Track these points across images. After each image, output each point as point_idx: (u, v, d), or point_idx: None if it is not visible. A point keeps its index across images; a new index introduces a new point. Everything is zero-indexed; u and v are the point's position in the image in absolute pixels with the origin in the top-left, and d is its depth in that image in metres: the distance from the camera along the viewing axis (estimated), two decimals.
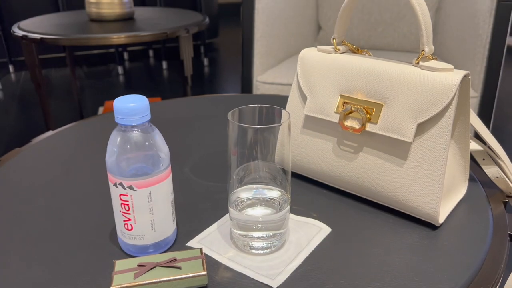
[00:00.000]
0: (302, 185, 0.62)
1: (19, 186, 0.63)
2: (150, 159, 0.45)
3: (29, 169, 0.68)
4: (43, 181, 0.64)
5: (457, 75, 0.48)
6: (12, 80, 2.90)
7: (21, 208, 0.57)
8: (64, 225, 0.54)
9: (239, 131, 0.44)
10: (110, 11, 1.43)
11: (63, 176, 0.65)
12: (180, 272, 0.43)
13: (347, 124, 0.55)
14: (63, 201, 0.59)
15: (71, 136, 0.79)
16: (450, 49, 1.52)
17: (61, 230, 0.53)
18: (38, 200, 0.59)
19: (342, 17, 0.57)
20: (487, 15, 1.28)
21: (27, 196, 0.60)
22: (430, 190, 0.51)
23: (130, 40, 1.21)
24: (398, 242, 0.51)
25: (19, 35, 1.26)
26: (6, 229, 0.53)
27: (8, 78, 2.92)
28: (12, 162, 0.70)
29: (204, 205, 0.58)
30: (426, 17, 0.49)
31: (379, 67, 0.53)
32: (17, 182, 0.64)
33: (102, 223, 0.54)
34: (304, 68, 0.59)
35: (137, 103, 0.43)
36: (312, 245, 0.50)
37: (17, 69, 3.05)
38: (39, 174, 0.66)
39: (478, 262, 0.47)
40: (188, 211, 0.56)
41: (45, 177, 0.65)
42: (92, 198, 0.60)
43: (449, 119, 0.49)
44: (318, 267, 0.47)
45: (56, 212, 0.57)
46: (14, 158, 0.71)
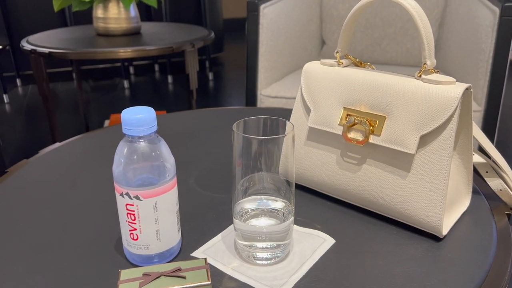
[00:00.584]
0: (306, 197, 0.62)
1: (26, 196, 0.64)
2: (156, 169, 0.45)
3: (36, 180, 0.68)
4: (49, 192, 0.65)
5: (459, 88, 0.49)
6: (19, 94, 2.93)
7: (27, 218, 0.58)
8: (69, 235, 0.54)
9: (244, 142, 0.45)
10: (117, 26, 1.45)
11: (70, 187, 0.66)
12: (184, 281, 0.43)
13: (350, 136, 0.55)
14: (69, 211, 0.60)
15: (77, 148, 0.80)
16: (453, 64, 1.53)
17: (66, 240, 0.53)
18: (44, 210, 0.60)
19: (345, 31, 0.58)
20: (489, 30, 1.29)
21: (33, 207, 0.61)
22: (434, 201, 0.51)
23: (136, 54, 1.23)
24: (401, 253, 0.51)
25: (28, 49, 1.28)
26: (12, 238, 0.54)
27: (16, 92, 2.96)
28: (19, 173, 0.71)
29: (208, 216, 0.58)
30: (428, 31, 0.50)
31: (381, 80, 0.54)
32: (24, 193, 0.64)
33: (108, 234, 0.54)
34: (308, 81, 0.60)
35: (144, 114, 0.44)
36: (315, 256, 0.50)
37: (25, 83, 3.09)
38: (46, 185, 0.67)
39: (482, 274, 0.47)
40: (192, 221, 0.57)
41: (51, 188, 0.66)
42: (98, 208, 0.60)
43: (451, 131, 0.49)
44: (322, 278, 0.47)
45: (61, 222, 0.57)
46: (22, 169, 0.72)
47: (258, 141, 0.44)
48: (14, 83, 3.07)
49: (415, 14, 0.50)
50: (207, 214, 0.59)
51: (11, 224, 0.57)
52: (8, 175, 0.70)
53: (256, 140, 0.44)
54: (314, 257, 0.50)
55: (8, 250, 0.52)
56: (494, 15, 1.28)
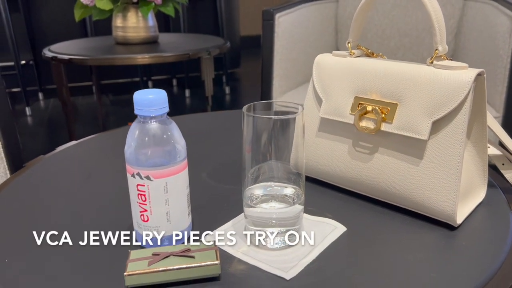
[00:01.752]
0: (317, 189, 0.62)
1: (42, 187, 0.65)
2: (167, 150, 0.46)
3: (51, 172, 0.70)
4: (64, 183, 0.66)
5: (471, 72, 0.49)
6: (41, 107, 3.00)
7: (42, 207, 0.59)
8: (82, 221, 0.55)
9: (254, 124, 0.45)
10: (135, 34, 1.49)
11: (84, 179, 0.67)
12: (193, 261, 0.43)
13: (362, 125, 0.55)
14: (82, 200, 0.60)
15: (93, 145, 0.81)
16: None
17: (79, 226, 0.54)
18: (59, 199, 0.61)
19: (357, 21, 0.58)
20: (506, 36, 1.28)
21: (49, 197, 0.62)
22: (447, 188, 0.50)
23: (153, 60, 1.26)
24: (414, 241, 0.50)
25: (49, 56, 1.32)
26: (28, 225, 0.55)
27: (38, 105, 3.03)
28: (36, 167, 0.72)
29: (220, 206, 0.58)
30: (438, 16, 0.50)
31: (393, 68, 0.54)
32: (40, 184, 0.66)
33: (120, 220, 0.55)
34: (320, 72, 0.60)
35: (156, 95, 0.45)
36: (326, 242, 0.49)
37: (47, 96, 3.16)
38: (61, 177, 0.68)
39: (497, 263, 0.46)
40: (204, 211, 0.57)
41: (66, 180, 0.67)
42: (111, 197, 0.61)
43: (464, 116, 0.49)
44: (332, 262, 0.46)
45: (75, 210, 0.58)
46: (38, 164, 0.73)
47: (269, 121, 0.45)
48: (37, 97, 3.14)
49: (426, 1, 0.50)
50: (219, 204, 0.59)
51: (26, 212, 0.58)
52: (25, 169, 0.72)
53: (267, 120, 0.45)
54: (325, 243, 0.49)
55: (22, 233, 0.52)
56: (511, 20, 1.27)
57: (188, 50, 1.36)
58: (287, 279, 0.43)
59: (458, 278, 0.43)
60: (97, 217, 0.56)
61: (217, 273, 0.43)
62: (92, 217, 0.56)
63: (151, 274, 0.42)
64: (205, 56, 1.36)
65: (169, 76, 3.52)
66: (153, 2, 1.43)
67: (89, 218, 0.56)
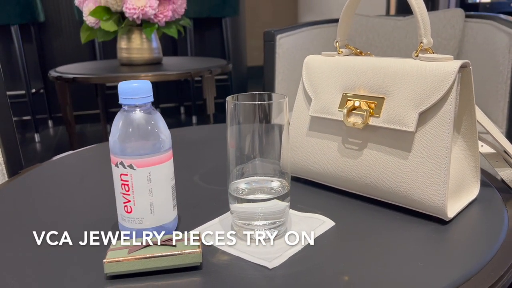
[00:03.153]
0: (309, 189, 0.61)
1: (36, 190, 0.65)
2: (151, 139, 0.46)
3: (46, 177, 0.70)
4: (57, 186, 0.66)
5: (456, 63, 0.49)
6: (50, 134, 3.05)
7: (35, 206, 0.59)
8: (71, 218, 0.55)
9: (238, 111, 0.45)
10: (139, 56, 1.52)
11: (78, 182, 0.67)
12: (174, 249, 0.43)
13: (350, 121, 0.55)
14: (74, 200, 0.60)
15: (90, 154, 0.82)
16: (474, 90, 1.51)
17: (68, 222, 0.54)
18: (51, 200, 0.61)
19: (343, 20, 0.59)
20: (506, 51, 1.28)
21: (41, 197, 0.62)
22: (436, 181, 0.49)
23: (156, 78, 1.28)
24: (404, 234, 0.49)
25: (54, 76, 1.35)
26: (20, 222, 0.55)
27: (47, 132, 3.08)
28: (31, 172, 0.72)
29: (209, 204, 0.57)
30: (422, 10, 0.51)
31: (379, 63, 0.54)
32: (34, 187, 0.66)
33: (107, 219, 0.54)
34: (309, 71, 0.61)
35: (140, 84, 0.45)
36: (313, 235, 0.48)
37: (56, 124, 3.21)
38: (55, 181, 0.68)
39: (488, 254, 0.44)
40: (192, 209, 0.56)
41: (59, 183, 0.67)
42: (102, 198, 0.61)
43: (450, 106, 0.48)
44: (317, 253, 0.45)
45: (66, 209, 0.58)
46: (34, 169, 0.74)
47: (254, 106, 0.44)
48: (46, 124, 3.20)
49: None
50: (208, 203, 0.58)
51: (19, 210, 0.58)
52: (20, 174, 0.72)
53: (251, 106, 0.44)
54: (311, 236, 0.48)
55: (15, 230, 0.52)
56: (509, 37, 1.28)
57: (190, 69, 1.38)
58: (270, 268, 0.42)
59: (445, 268, 0.42)
60: (86, 213, 0.56)
61: (198, 261, 0.43)
62: (82, 213, 0.56)
63: (131, 262, 0.42)
64: (207, 75, 1.38)
65: (177, 104, 3.56)
66: (156, 24, 1.47)
67: (78, 214, 0.56)
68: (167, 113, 3.53)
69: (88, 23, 1.44)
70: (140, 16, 1.42)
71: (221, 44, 3.37)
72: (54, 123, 3.22)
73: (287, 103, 0.46)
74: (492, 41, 1.41)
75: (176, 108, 3.57)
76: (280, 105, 0.45)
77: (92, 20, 1.43)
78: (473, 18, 1.64)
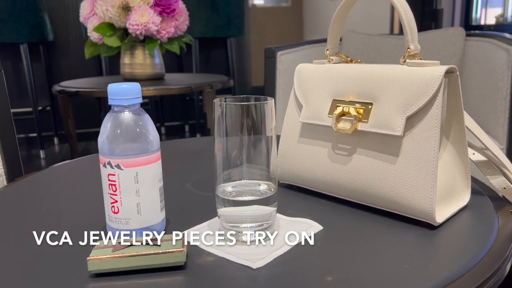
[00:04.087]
0: (298, 196, 0.61)
1: (28, 196, 0.65)
2: (139, 140, 0.46)
3: (41, 183, 0.71)
4: (50, 191, 0.66)
5: (442, 68, 0.49)
6: (55, 151, 3.08)
7: (29, 209, 0.60)
8: (61, 221, 0.55)
9: (225, 113, 0.45)
10: (142, 71, 1.54)
11: (70, 187, 0.68)
12: (158, 248, 0.43)
13: (339, 126, 0.55)
14: (65, 204, 0.61)
15: (87, 162, 0.83)
16: (475, 108, 1.51)
17: (58, 225, 0.54)
18: (42, 203, 0.61)
19: (333, 29, 0.60)
20: (505, 67, 1.29)
21: (33, 202, 0.62)
22: (424, 185, 0.49)
23: (158, 92, 1.30)
24: (392, 238, 0.48)
25: (57, 90, 1.38)
26: (14, 226, 0.55)
27: (52, 149, 3.11)
28: (27, 179, 0.73)
29: (198, 209, 0.58)
30: (409, 16, 0.51)
31: (368, 69, 0.55)
32: (25, 193, 0.67)
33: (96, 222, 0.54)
34: (300, 79, 0.62)
35: (129, 85, 0.46)
36: (300, 237, 0.48)
37: (61, 141, 3.24)
38: (47, 186, 0.69)
39: (477, 256, 0.44)
40: (181, 213, 0.56)
41: (52, 189, 0.68)
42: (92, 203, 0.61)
43: (437, 110, 0.49)
44: (303, 255, 0.45)
45: (56, 211, 0.58)
46: (30, 177, 0.74)
47: (242, 107, 0.45)
48: (52, 142, 3.23)
49: (395, 1, 0.52)
50: (198, 208, 0.58)
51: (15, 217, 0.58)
52: (15, 182, 0.73)
53: (240, 106, 0.45)
54: (298, 239, 0.48)
55: (9, 231, 0.53)
56: (508, 54, 1.29)
57: (191, 84, 1.40)
58: (254, 268, 0.42)
59: (431, 270, 0.41)
60: (75, 217, 0.56)
61: (182, 260, 0.42)
62: (71, 217, 0.56)
63: (114, 260, 0.42)
64: (208, 90, 1.40)
65: (182, 123, 3.59)
66: (159, 40, 1.50)
67: (68, 217, 0.56)
68: (172, 131, 3.55)
69: (92, 39, 1.47)
70: (143, 32, 1.44)
71: (225, 63, 3.41)
72: (60, 140, 3.25)
73: (273, 107, 0.47)
74: (491, 58, 1.41)
75: (181, 126, 3.60)
76: (268, 107, 0.46)
77: (96, 36, 1.46)
78: (474, 36, 1.65)
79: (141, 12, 1.43)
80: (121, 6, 1.42)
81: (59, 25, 3.07)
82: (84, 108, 2.82)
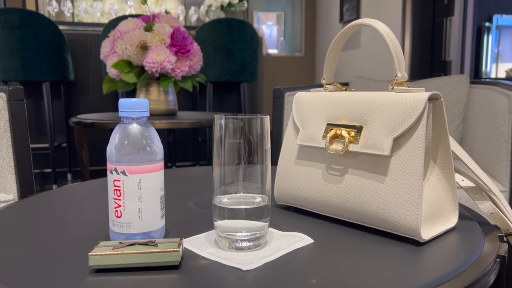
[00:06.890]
0: (294, 215, 0.64)
1: (38, 208, 0.69)
2: (144, 149, 0.51)
3: (46, 200, 0.75)
4: (55, 206, 0.70)
5: (426, 94, 0.53)
6: None
7: (36, 222, 0.63)
8: (66, 231, 0.59)
9: (224, 128, 0.50)
10: (156, 107, 1.61)
11: (76, 203, 0.71)
12: (155, 248, 0.46)
13: (332, 147, 0.59)
14: (69, 218, 0.64)
15: (95, 185, 0.87)
16: (479, 152, 1.53)
17: (64, 234, 0.57)
18: (51, 215, 0.65)
19: (329, 59, 0.65)
20: (506, 112, 1.32)
21: (43, 213, 0.66)
22: (409, 201, 0.52)
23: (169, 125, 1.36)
24: (379, 251, 0.51)
25: (74, 121, 1.44)
26: (26, 231, 0.58)
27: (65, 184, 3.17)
28: (39, 195, 0.77)
29: (198, 224, 0.61)
30: (396, 47, 0.56)
31: (359, 96, 0.59)
32: (36, 206, 0.70)
33: (98, 233, 0.58)
34: (298, 105, 0.66)
35: (138, 100, 0.51)
36: (291, 248, 0.51)
37: (75, 177, 3.31)
38: (53, 202, 0.73)
39: (460, 267, 0.46)
40: (181, 225, 0.59)
41: (58, 203, 0.71)
42: (96, 215, 0.64)
43: (421, 132, 0.52)
44: (293, 261, 0.47)
45: (62, 223, 0.62)
46: (38, 195, 0.79)
47: (239, 121, 0.49)
48: (65, 177, 3.29)
49: (383, 32, 0.57)
50: (197, 222, 0.61)
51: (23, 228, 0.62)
52: (26, 198, 0.77)
53: (237, 120, 0.49)
54: (289, 249, 0.50)
55: (18, 237, 0.56)
56: (509, 99, 1.33)
57: (202, 119, 1.46)
58: (244, 269, 0.45)
59: (412, 277, 0.43)
60: (81, 228, 0.59)
61: (176, 260, 0.45)
62: (76, 228, 0.59)
63: (113, 256, 0.45)
64: None
65: (193, 163, 3.64)
66: (173, 78, 1.57)
67: (73, 228, 0.59)
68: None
69: (111, 75, 1.55)
70: (158, 70, 1.53)
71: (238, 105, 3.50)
72: (73, 176, 3.32)
73: (268, 122, 0.51)
74: (493, 104, 1.45)
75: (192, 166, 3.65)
76: (263, 123, 0.50)
77: (114, 72, 1.55)
78: (478, 84, 1.70)
79: (158, 51, 1.52)
80: (139, 45, 1.52)
81: (81, 66, 3.22)
82: (100, 144, 2.90)
